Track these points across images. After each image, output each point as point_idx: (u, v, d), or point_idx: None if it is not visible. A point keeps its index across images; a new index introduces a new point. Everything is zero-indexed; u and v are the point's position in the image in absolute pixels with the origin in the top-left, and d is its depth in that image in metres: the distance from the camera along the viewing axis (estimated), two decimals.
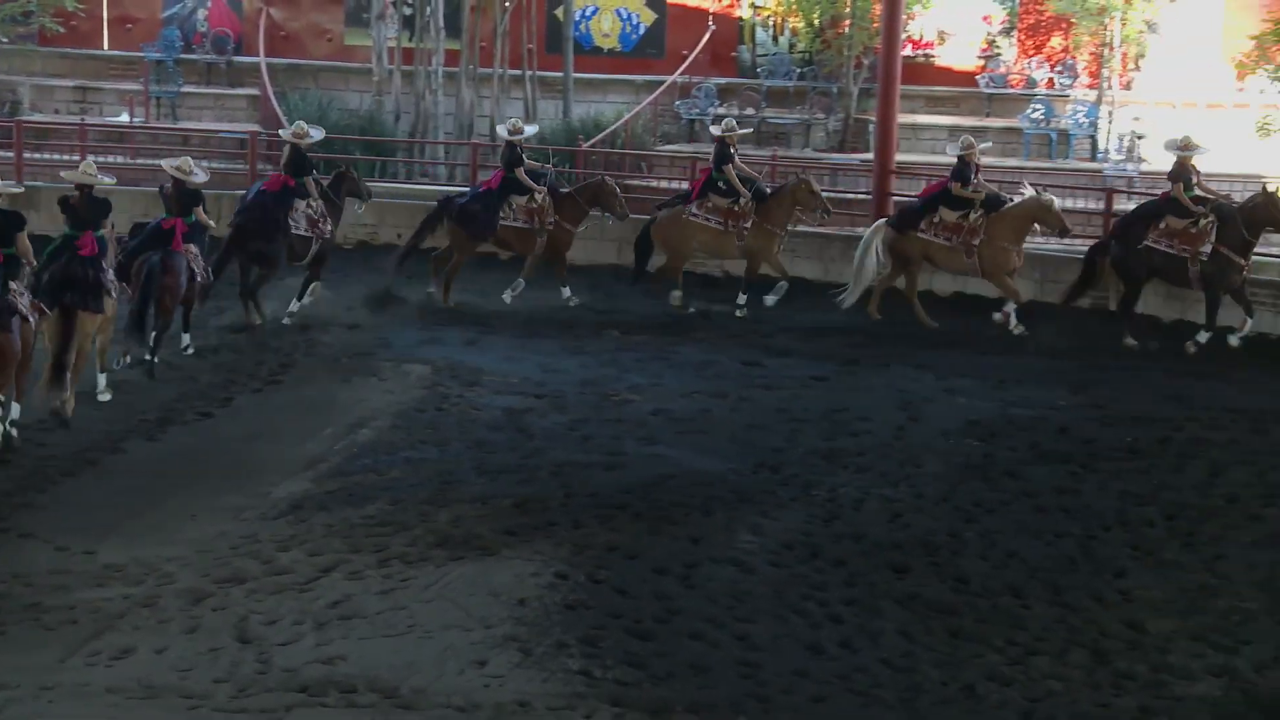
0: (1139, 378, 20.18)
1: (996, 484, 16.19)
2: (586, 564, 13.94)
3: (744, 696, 11.85)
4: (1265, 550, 14.68)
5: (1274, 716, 11.84)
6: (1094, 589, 13.86)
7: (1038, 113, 33.68)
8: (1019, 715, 11.80)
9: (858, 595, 13.61)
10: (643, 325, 22.21)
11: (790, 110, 34.83)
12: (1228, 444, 17.50)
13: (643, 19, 36.92)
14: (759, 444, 17.13)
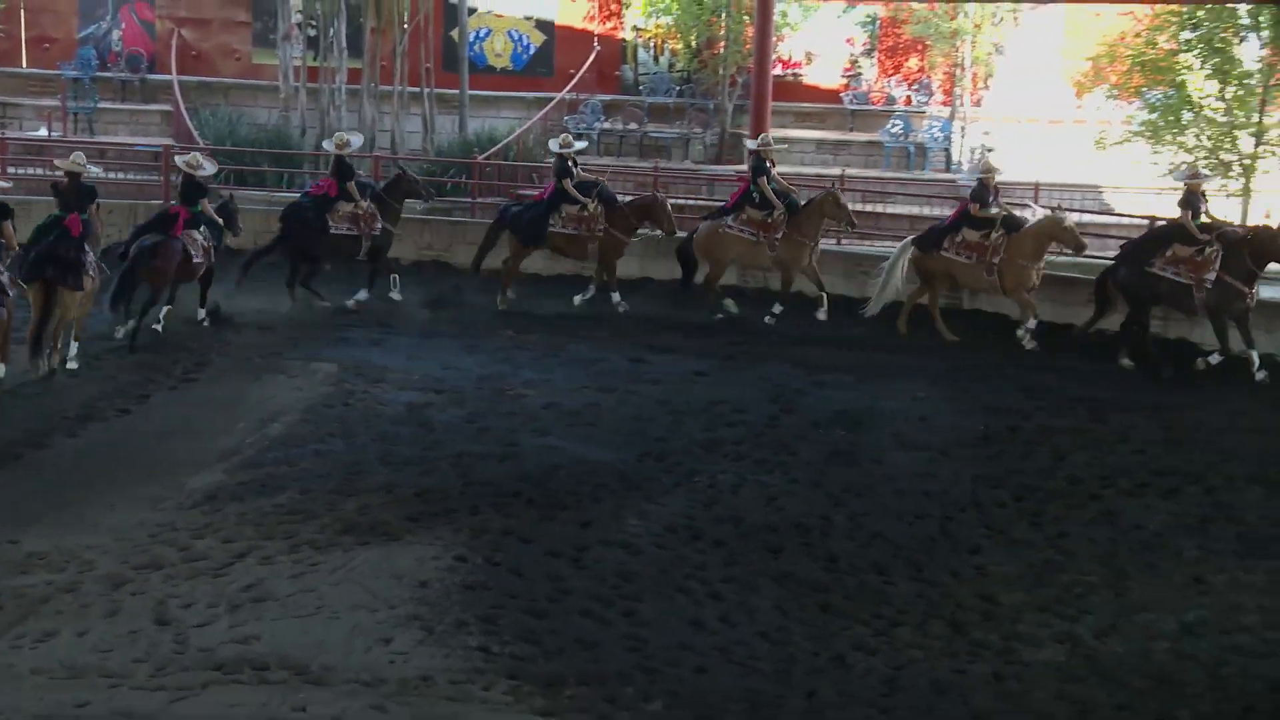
0: (991, 371, 20.42)
1: (862, 470, 16.36)
2: (484, 548, 13.97)
3: (632, 669, 11.93)
4: (1103, 528, 14.94)
5: (1111, 679, 12.04)
6: (951, 566, 14.05)
7: (897, 128, 34.02)
8: (883, 682, 11.95)
9: (736, 574, 13.72)
10: (535, 325, 22.23)
11: (670, 125, 35.01)
12: (1070, 431, 17.80)
13: (533, 40, 37.00)
14: (644, 435, 17.21)
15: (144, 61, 36.98)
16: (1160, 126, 27.12)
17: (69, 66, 36.35)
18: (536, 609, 12.89)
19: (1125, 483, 16.05)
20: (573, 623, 12.72)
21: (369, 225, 23.26)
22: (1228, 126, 26.66)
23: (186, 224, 21.07)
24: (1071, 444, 17.25)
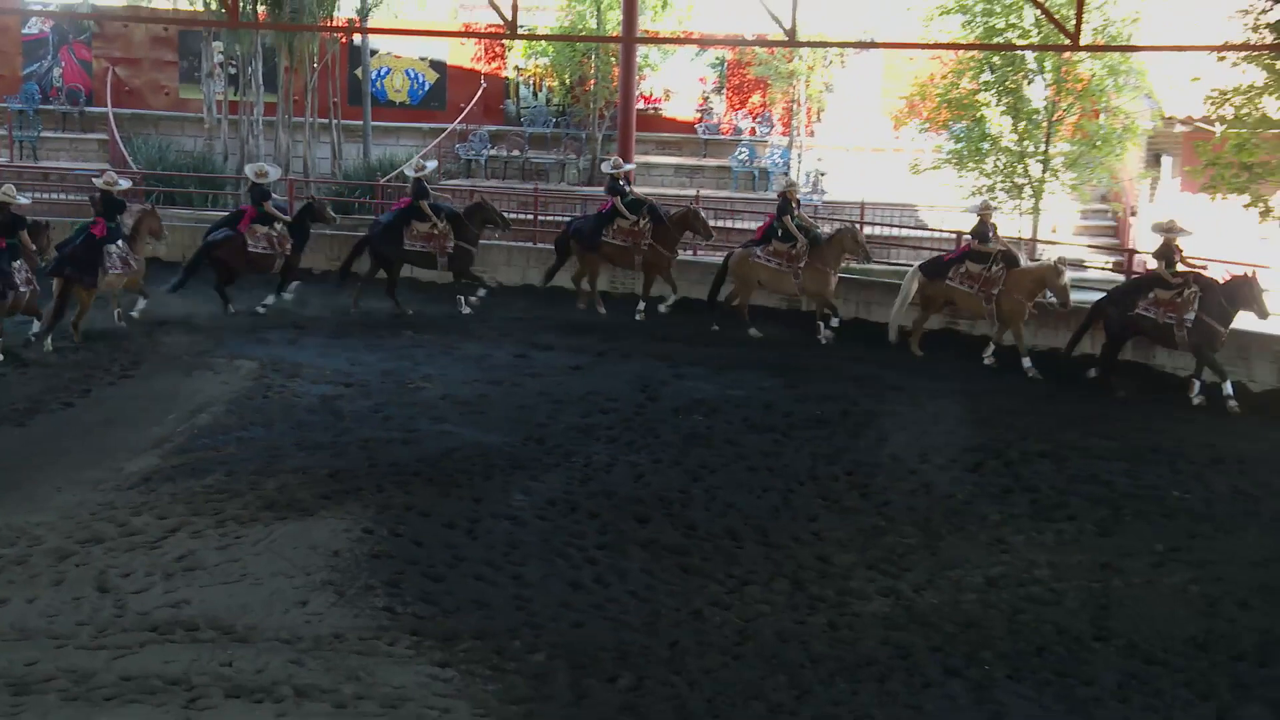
0: (826, 365, 20.50)
1: (717, 450, 16.36)
2: (388, 521, 13.87)
3: (519, 625, 11.91)
4: (920, 497, 15.08)
5: (928, 625, 12.15)
6: (792, 531, 14.10)
7: (743, 154, 34.14)
8: (735, 633, 11.98)
9: (609, 541, 13.70)
10: (432, 325, 22.05)
11: (548, 151, 34.92)
12: (892, 415, 17.89)
13: (427, 78, 36.81)
14: (528, 421, 17.12)
15: (82, 95, 36.39)
16: (964, 155, 27.37)
17: (15, 100, 35.73)
18: (435, 574, 12.82)
19: (938, 459, 16.22)
20: (467, 585, 12.66)
21: (442, 244, 22.98)
22: (1019, 155, 26.97)
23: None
24: (893, 426, 17.38)
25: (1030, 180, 26.92)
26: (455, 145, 35.08)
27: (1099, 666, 11.59)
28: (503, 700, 10.66)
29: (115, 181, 22.09)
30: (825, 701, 10.88)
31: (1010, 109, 26.94)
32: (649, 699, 10.82)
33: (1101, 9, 26.22)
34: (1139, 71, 27.66)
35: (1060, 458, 16.30)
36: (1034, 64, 26.76)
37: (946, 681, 11.29)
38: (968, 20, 26.40)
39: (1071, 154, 27.22)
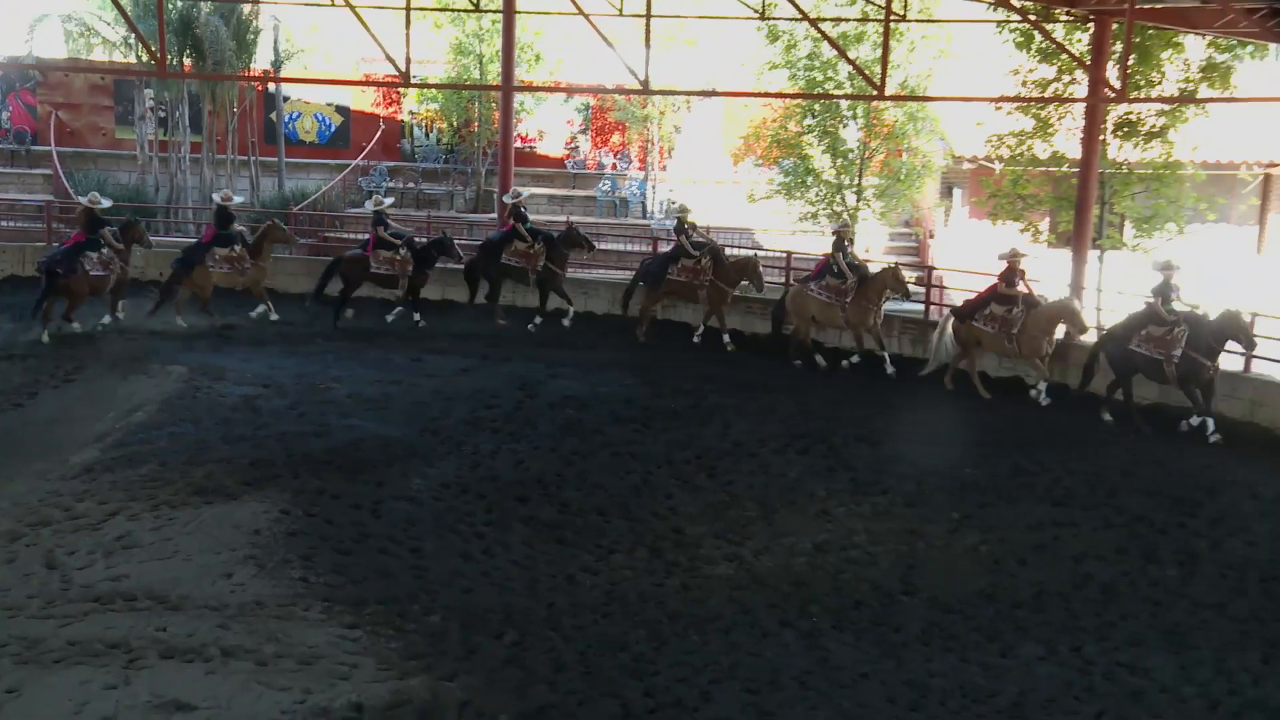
0: (678, 365, 20.51)
1: (586, 439, 16.33)
2: (303, 503, 13.73)
3: (417, 591, 11.86)
4: (758, 477, 15.17)
5: (766, 585, 12.26)
6: (651, 507, 14.14)
7: (606, 186, 34.16)
8: (603, 595, 12.00)
9: (494, 518, 13.66)
10: (340, 335, 21.73)
11: (439, 184, 34.71)
12: (735, 407, 17.94)
13: (333, 120, 36.51)
14: (424, 415, 16.98)
15: (28, 136, 35.52)
16: (791, 186, 27.53)
17: None
18: (343, 548, 12.72)
19: (773, 444, 16.32)
20: (371, 558, 12.58)
21: (534, 262, 22.54)
22: (837, 187, 27.18)
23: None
24: (736, 416, 17.45)
25: (847, 208, 27.17)
26: (358, 179, 34.82)
27: (906, 616, 11.78)
28: (403, 656, 10.61)
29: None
30: (680, 651, 10.93)
31: (829, 148, 27.17)
32: (530, 652, 10.81)
33: (903, 66, 26.58)
34: (933, 118, 28.10)
35: (875, 442, 16.52)
36: (848, 111, 27.04)
37: (781, 632, 11.40)
38: (793, 74, 26.60)
39: (880, 186, 27.52)
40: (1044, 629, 11.56)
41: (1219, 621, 11.77)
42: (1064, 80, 23.09)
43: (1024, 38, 23.32)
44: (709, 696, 10.16)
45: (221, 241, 22.29)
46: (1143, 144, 23.01)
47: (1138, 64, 21.96)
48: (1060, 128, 23.44)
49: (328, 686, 9.95)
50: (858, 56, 23.73)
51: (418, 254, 22.72)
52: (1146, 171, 23.25)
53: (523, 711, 9.76)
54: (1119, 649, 11.20)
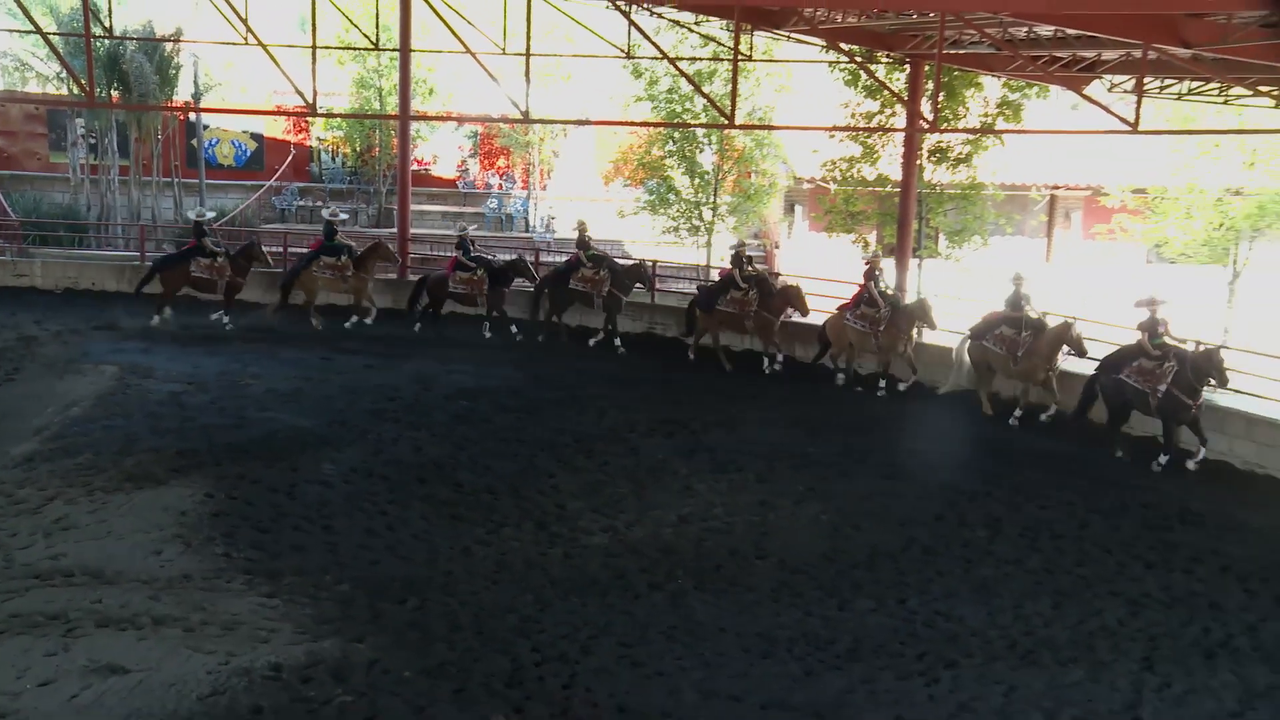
0: (559, 361, 20.38)
1: (477, 426, 16.19)
2: (225, 487, 13.45)
3: (328, 564, 11.72)
4: (630, 458, 15.14)
5: (637, 553, 12.27)
6: (537, 486, 14.07)
7: (494, 204, 34.03)
8: (494, 564, 11.95)
9: (396, 498, 13.51)
10: (257, 337, 21.23)
11: (344, 202, 34.18)
12: (608, 397, 17.87)
13: (249, 146, 35.96)
14: (333, 408, 16.68)
15: None
16: (655, 204, 27.65)
17: None
18: (262, 527, 12.51)
19: (642, 429, 16.30)
20: (287, 535, 12.38)
21: (599, 288, 21.42)
22: (695, 204, 27.34)
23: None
24: (609, 405, 17.36)
25: (704, 223, 27.35)
26: (272, 198, 34.28)
27: (758, 577, 11.87)
28: (317, 621, 10.47)
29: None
30: (562, 612, 10.91)
31: (688, 170, 27.32)
32: (429, 616, 10.72)
33: (750, 99, 26.79)
34: (777, 145, 28.45)
35: (731, 426, 16.58)
36: (704, 138, 27.20)
37: (651, 594, 11.43)
38: (655, 105, 26.69)
39: (732, 204, 27.75)
40: (875, 585, 11.74)
41: (1018, 574, 12.05)
42: (886, 113, 23.55)
43: (852, 76, 23.72)
44: (588, 650, 10.16)
45: (329, 252, 21.92)
46: (952, 168, 23.61)
47: (946, 100, 22.49)
48: (884, 154, 23.92)
49: (249, 649, 9.79)
50: (711, 90, 23.86)
51: (494, 274, 21.92)
52: (956, 191, 23.87)
53: (424, 668, 9.68)
54: (937, 600, 11.41)
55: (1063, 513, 13.70)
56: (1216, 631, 10.86)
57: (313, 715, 8.79)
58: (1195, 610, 11.28)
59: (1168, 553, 12.61)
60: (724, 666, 9.98)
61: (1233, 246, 25.39)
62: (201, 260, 21.95)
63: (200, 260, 21.95)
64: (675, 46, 25.30)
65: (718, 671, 9.87)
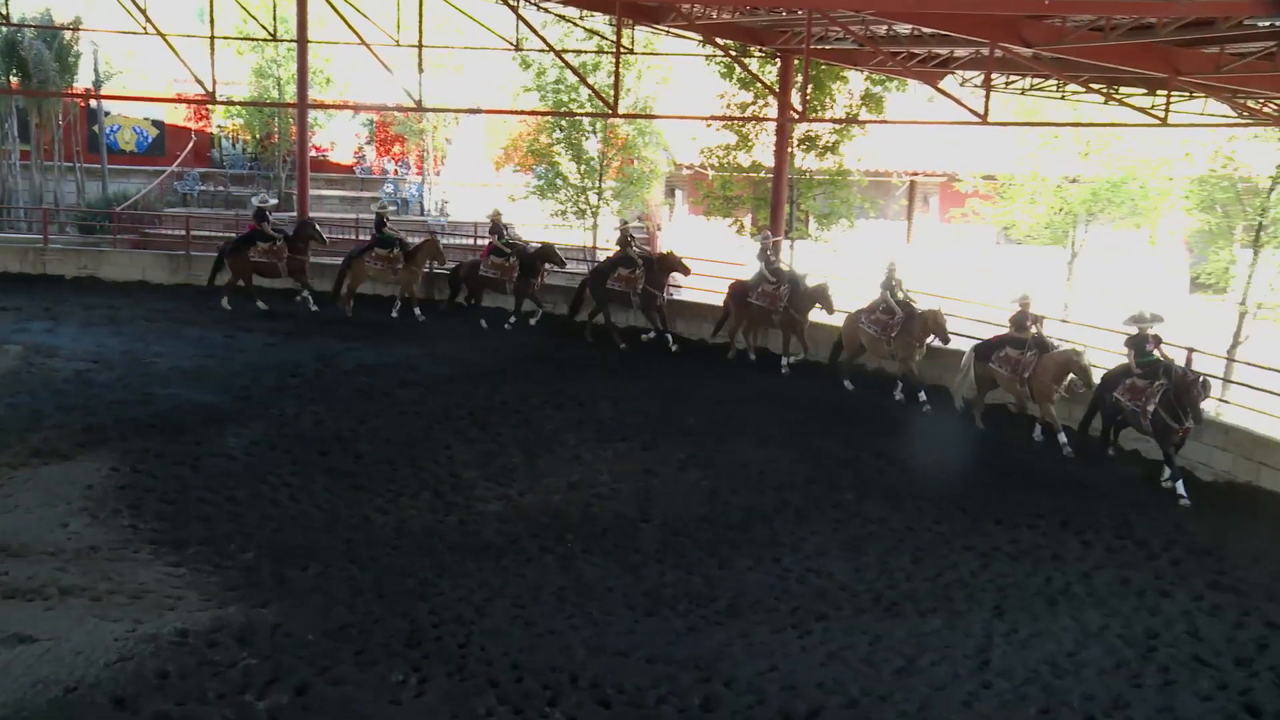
0: (455, 337, 20.04)
1: (377, 400, 15.95)
2: (130, 462, 13.13)
3: (233, 533, 11.52)
4: (522, 429, 15.08)
5: (528, 519, 12.26)
6: (433, 456, 13.96)
7: (390, 189, 33.52)
8: (394, 531, 11.85)
9: (299, 469, 13.30)
10: (163, 316, 20.61)
11: (245, 187, 33.42)
12: (502, 372, 17.59)
13: (150, 132, 35.01)
14: (236, 384, 16.31)
15: None
16: (544, 189, 27.53)
17: None
18: (168, 499, 12.23)
19: (534, 401, 16.19)
20: (193, 506, 12.13)
21: (634, 285, 19.86)
22: (582, 189, 27.29)
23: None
24: (503, 380, 17.18)
25: (590, 207, 27.31)
26: (174, 183, 33.34)
27: (643, 539, 11.94)
28: (222, 588, 10.30)
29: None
30: (458, 576, 10.86)
31: (574, 157, 27.25)
32: (332, 581, 10.60)
33: (632, 90, 26.78)
34: (658, 133, 28.50)
35: (617, 399, 16.52)
36: (589, 126, 27.13)
37: (542, 557, 11.43)
38: (543, 95, 26.55)
39: (617, 189, 27.75)
40: (752, 545, 11.87)
41: (882, 533, 12.28)
42: (759, 104, 23.73)
43: (727, 69, 23.86)
44: (483, 611, 10.12)
45: (383, 244, 21.17)
46: (820, 155, 23.92)
47: (815, 92, 22.77)
48: (757, 142, 24.11)
49: (156, 617, 9.57)
50: (595, 82, 23.78)
51: (525, 262, 20.82)
52: (824, 177, 24.18)
53: (326, 631, 9.55)
54: (809, 558, 11.59)
55: (923, 475, 13.99)
56: (1057, 580, 11.20)
57: (218, 678, 8.62)
58: (1039, 562, 11.62)
59: (1014, 510, 12.97)
60: (611, 624, 10.02)
61: (1071, 230, 26.11)
62: (261, 245, 21.34)
63: (260, 245, 21.34)
64: (561, 40, 25.19)
65: (605, 629, 9.91)
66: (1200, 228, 25.24)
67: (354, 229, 26.61)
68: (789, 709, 8.66)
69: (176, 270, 22.99)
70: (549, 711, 8.46)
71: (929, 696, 8.93)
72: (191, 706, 8.22)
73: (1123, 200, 24.93)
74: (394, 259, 21.17)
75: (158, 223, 29.57)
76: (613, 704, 8.62)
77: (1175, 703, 8.87)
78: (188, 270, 23.05)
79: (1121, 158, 24.84)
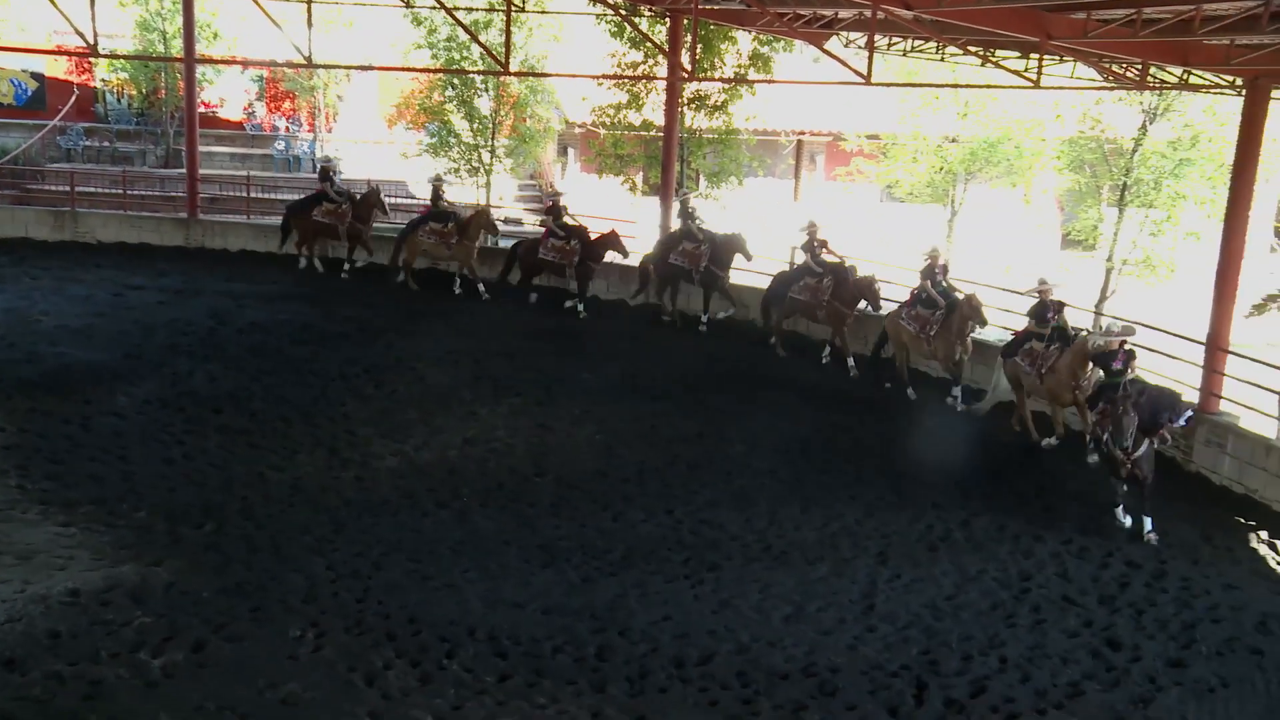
0: (349, 295, 19.60)
1: (270, 358, 15.63)
2: (16, 421, 12.74)
3: (125, 492, 11.29)
4: (416, 386, 14.93)
5: (424, 474, 12.18)
6: (329, 414, 13.79)
7: (281, 145, 32.66)
8: (289, 488, 11.71)
9: (193, 428, 13.05)
10: (47, 274, 19.85)
11: (132, 143, 32.25)
12: (396, 329, 17.32)
13: (29, 85, 33.40)
14: (126, 343, 15.83)
15: None
16: (437, 146, 27.06)
17: None
18: (57, 459, 11.91)
19: (429, 359, 16.01)
20: (83, 466, 11.82)
21: (696, 263, 18.56)
22: (474, 147, 26.84)
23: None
24: (397, 337, 16.93)
25: (483, 164, 26.98)
26: (56, 138, 32.02)
27: (538, 493, 11.99)
28: (115, 547, 10.09)
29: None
30: (355, 531, 10.78)
31: (467, 115, 26.81)
32: (227, 539, 10.45)
33: (524, 48, 26.43)
34: (550, 91, 28.20)
35: (511, 356, 16.42)
36: (481, 84, 26.73)
37: (438, 511, 11.39)
38: (434, 53, 26.05)
39: (509, 146, 27.40)
40: (645, 498, 11.98)
41: (772, 484, 12.48)
42: (649, 63, 23.60)
43: (618, 28, 23.68)
44: (380, 566, 10.07)
45: (437, 217, 20.00)
46: (710, 115, 23.91)
47: (704, 52, 22.71)
48: (648, 101, 23.98)
49: (45, 577, 9.33)
50: (487, 39, 23.43)
51: (586, 247, 19.30)
52: (714, 136, 24.19)
53: (222, 588, 9.42)
54: (701, 510, 11.73)
55: (811, 429, 14.21)
56: (938, 528, 11.52)
57: (112, 637, 8.44)
58: (920, 510, 11.92)
59: (896, 459, 13.25)
60: (508, 577, 10.04)
61: (951, 188, 26.57)
62: (326, 205, 20.56)
63: (324, 205, 20.57)
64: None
65: (502, 582, 9.93)
66: (1070, 187, 25.86)
67: (245, 186, 25.85)
68: (682, 656, 8.79)
69: (61, 227, 22.17)
70: (446, 664, 8.47)
71: (817, 641, 9.14)
72: (84, 666, 8.05)
73: (999, 160, 25.40)
74: (448, 234, 19.98)
75: (40, 178, 28.42)
76: (509, 655, 8.66)
77: (1045, 640, 9.21)
78: (73, 227, 22.27)
79: (998, 119, 25.27)
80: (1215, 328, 14.01)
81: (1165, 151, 23.03)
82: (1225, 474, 13.04)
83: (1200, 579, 10.46)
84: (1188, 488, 12.96)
